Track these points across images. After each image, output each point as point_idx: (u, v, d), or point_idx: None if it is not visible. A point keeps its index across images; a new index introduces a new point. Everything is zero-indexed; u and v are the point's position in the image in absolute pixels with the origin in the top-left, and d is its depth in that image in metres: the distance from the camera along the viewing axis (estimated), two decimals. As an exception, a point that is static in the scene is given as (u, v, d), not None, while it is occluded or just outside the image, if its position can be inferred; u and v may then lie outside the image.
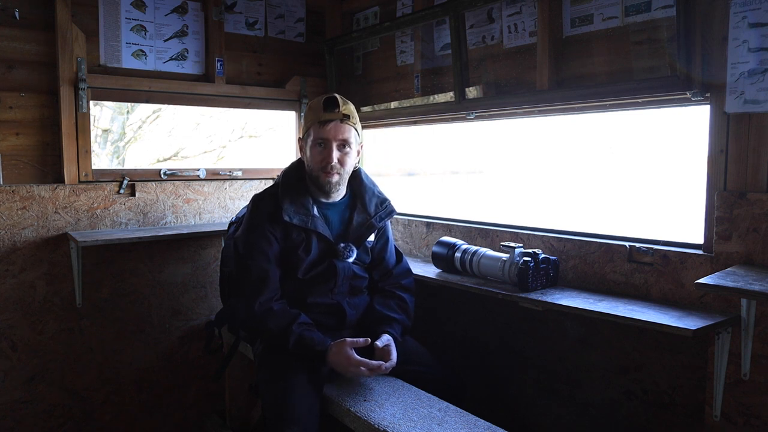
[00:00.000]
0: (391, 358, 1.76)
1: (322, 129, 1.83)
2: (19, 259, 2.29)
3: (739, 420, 1.56)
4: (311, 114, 1.88)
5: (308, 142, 1.89)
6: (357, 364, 1.70)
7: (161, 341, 2.65)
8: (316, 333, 1.79)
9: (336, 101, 1.84)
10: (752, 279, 1.40)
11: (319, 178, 1.88)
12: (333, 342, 1.75)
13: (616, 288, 1.86)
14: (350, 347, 1.72)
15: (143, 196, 2.56)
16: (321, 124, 1.84)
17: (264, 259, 1.86)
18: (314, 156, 1.87)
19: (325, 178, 1.87)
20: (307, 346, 1.75)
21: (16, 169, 2.31)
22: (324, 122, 1.83)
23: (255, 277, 1.85)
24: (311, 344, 1.75)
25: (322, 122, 1.83)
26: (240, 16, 2.78)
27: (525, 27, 2.17)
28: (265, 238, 1.87)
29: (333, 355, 1.73)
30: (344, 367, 1.71)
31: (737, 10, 1.52)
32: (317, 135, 1.85)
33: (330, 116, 1.83)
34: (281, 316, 1.80)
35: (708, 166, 1.65)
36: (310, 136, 1.87)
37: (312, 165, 1.89)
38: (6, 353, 2.30)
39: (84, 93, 2.35)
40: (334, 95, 1.86)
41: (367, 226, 1.96)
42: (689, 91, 1.63)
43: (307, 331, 1.78)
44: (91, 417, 2.50)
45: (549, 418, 2.14)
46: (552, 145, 4.49)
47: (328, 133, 1.83)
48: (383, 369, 1.71)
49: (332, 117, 1.83)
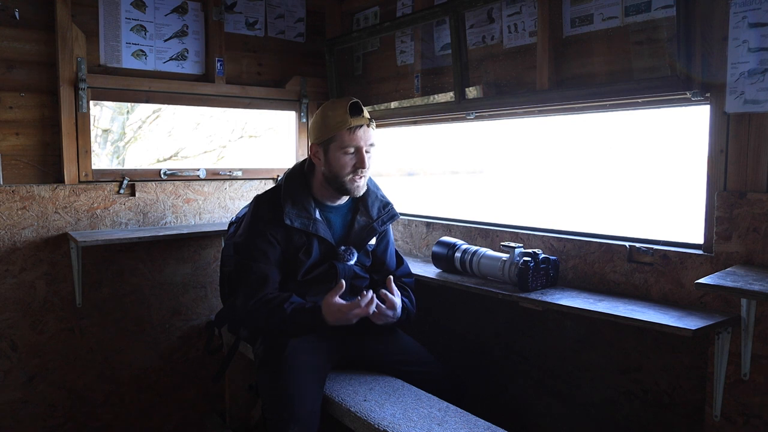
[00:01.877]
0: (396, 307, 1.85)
1: (353, 135, 1.85)
2: (19, 259, 2.29)
3: (739, 420, 1.56)
4: (336, 120, 1.85)
5: (331, 148, 1.87)
6: (348, 308, 1.74)
7: (161, 341, 2.65)
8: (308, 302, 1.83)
9: (360, 106, 1.86)
10: (752, 279, 1.40)
11: (346, 183, 1.89)
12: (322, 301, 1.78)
13: (616, 288, 1.86)
14: (333, 297, 1.75)
15: (143, 196, 2.56)
16: (351, 130, 1.84)
17: (264, 261, 1.87)
18: (342, 162, 1.86)
19: (354, 183, 1.89)
20: (304, 310, 1.79)
21: (16, 169, 2.31)
22: (354, 128, 1.84)
23: (254, 278, 1.86)
24: (307, 306, 1.79)
25: (351, 128, 1.84)
26: (240, 16, 2.78)
27: (525, 27, 2.17)
28: (266, 241, 1.87)
29: (327, 313, 1.75)
30: (340, 315, 1.75)
31: (737, 10, 1.52)
32: (347, 141, 1.85)
33: (359, 122, 1.84)
34: (276, 299, 1.83)
35: (708, 166, 1.65)
36: (334, 141, 1.86)
37: (337, 171, 1.88)
38: (6, 353, 2.30)
39: (84, 93, 2.35)
40: (355, 100, 1.86)
41: (369, 229, 1.97)
42: (689, 91, 1.63)
43: (299, 303, 1.82)
44: (91, 417, 2.50)
45: (549, 418, 2.14)
46: (552, 145, 4.49)
47: (360, 139, 1.85)
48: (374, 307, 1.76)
49: (361, 122, 1.85)
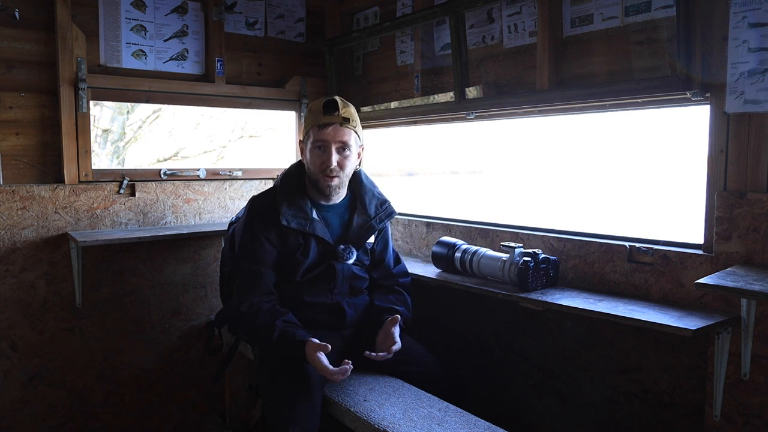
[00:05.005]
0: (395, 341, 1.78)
1: (322, 132, 1.83)
2: (19, 259, 2.29)
3: (739, 420, 1.56)
4: (311, 117, 1.87)
5: (308, 145, 1.88)
6: (321, 370, 1.67)
7: (161, 341, 2.65)
8: (300, 330, 1.78)
9: (336, 104, 1.83)
10: (752, 279, 1.40)
11: (319, 181, 1.87)
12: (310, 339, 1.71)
13: (616, 288, 1.86)
14: (317, 351, 1.68)
15: (143, 196, 2.56)
16: (320, 127, 1.83)
17: (258, 262, 1.86)
18: (314, 159, 1.86)
19: (325, 182, 1.86)
20: (288, 339, 1.73)
21: (16, 169, 2.31)
22: (323, 125, 1.83)
23: (248, 279, 1.85)
24: (292, 337, 1.73)
25: (321, 125, 1.83)
26: (240, 16, 2.78)
27: (525, 27, 2.17)
28: (260, 242, 1.87)
29: (307, 355, 1.70)
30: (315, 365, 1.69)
31: (737, 10, 1.52)
32: (317, 138, 1.84)
33: (329, 119, 1.82)
34: (269, 313, 1.80)
35: (708, 166, 1.65)
36: (309, 138, 1.87)
37: (312, 168, 1.88)
38: (6, 353, 2.30)
39: (84, 93, 2.35)
40: (335, 98, 1.85)
41: (367, 227, 1.96)
42: (689, 91, 1.63)
43: (291, 327, 1.77)
44: (91, 417, 2.50)
45: (549, 418, 2.14)
46: (552, 145, 4.49)
47: (327, 135, 1.82)
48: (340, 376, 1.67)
49: (332, 120, 1.82)
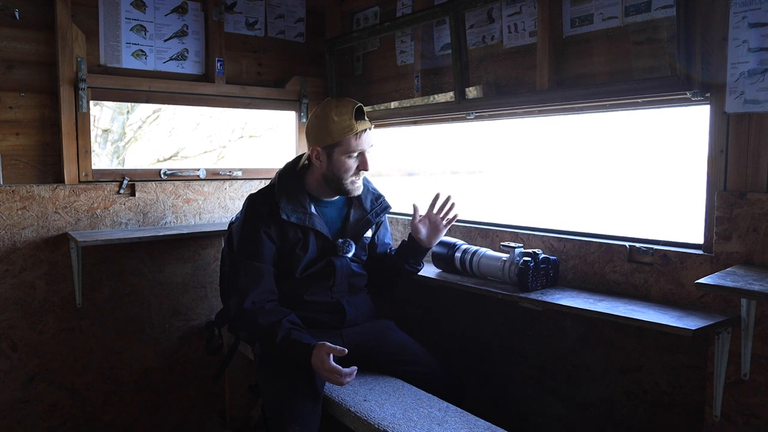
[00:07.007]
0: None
1: (360, 140, 1.88)
2: (19, 259, 2.29)
3: (739, 420, 1.56)
4: (342, 125, 1.85)
5: (336, 152, 1.88)
6: (329, 371, 1.66)
7: (161, 341, 2.65)
8: (305, 333, 1.78)
9: (363, 109, 1.89)
10: (752, 279, 1.40)
11: (347, 184, 1.92)
12: (318, 342, 1.71)
13: (616, 288, 1.86)
14: (327, 353, 1.68)
15: (143, 196, 2.56)
16: (357, 135, 1.87)
17: (259, 258, 1.87)
18: (347, 165, 1.89)
19: (354, 185, 1.94)
20: (294, 342, 1.73)
21: (16, 169, 2.31)
22: (359, 133, 1.88)
23: (248, 276, 1.85)
24: (298, 340, 1.73)
25: (358, 134, 1.87)
26: (240, 16, 2.78)
27: (525, 27, 2.17)
28: (260, 238, 1.88)
29: (314, 357, 1.69)
30: (319, 370, 1.69)
31: (737, 10, 1.52)
32: (354, 147, 1.87)
33: (364, 126, 1.88)
34: (272, 313, 1.81)
35: (708, 166, 1.65)
36: (339, 146, 1.87)
37: (341, 174, 1.90)
38: (6, 353, 2.30)
39: (84, 93, 2.35)
40: (359, 104, 1.88)
41: (364, 222, 2.01)
42: (689, 91, 1.63)
43: (296, 330, 1.78)
44: (91, 417, 2.50)
45: (549, 418, 2.14)
46: (552, 145, 4.48)
47: (365, 143, 1.90)
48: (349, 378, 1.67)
49: (365, 126, 1.89)
